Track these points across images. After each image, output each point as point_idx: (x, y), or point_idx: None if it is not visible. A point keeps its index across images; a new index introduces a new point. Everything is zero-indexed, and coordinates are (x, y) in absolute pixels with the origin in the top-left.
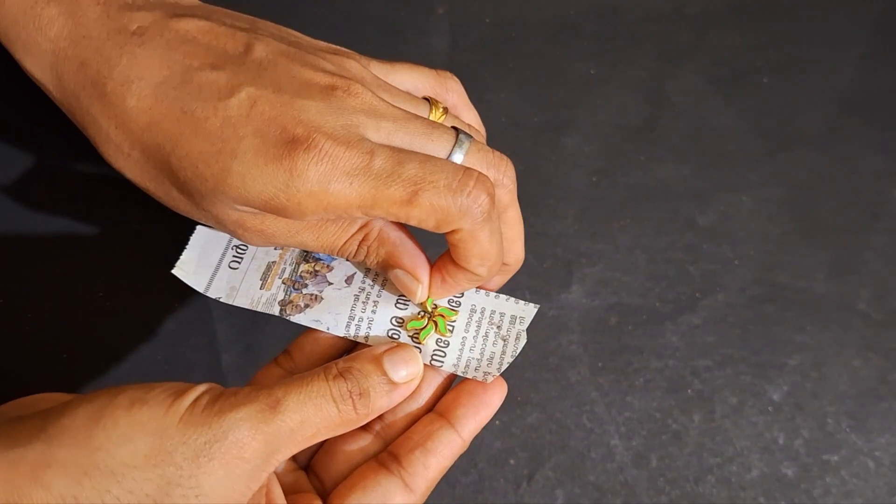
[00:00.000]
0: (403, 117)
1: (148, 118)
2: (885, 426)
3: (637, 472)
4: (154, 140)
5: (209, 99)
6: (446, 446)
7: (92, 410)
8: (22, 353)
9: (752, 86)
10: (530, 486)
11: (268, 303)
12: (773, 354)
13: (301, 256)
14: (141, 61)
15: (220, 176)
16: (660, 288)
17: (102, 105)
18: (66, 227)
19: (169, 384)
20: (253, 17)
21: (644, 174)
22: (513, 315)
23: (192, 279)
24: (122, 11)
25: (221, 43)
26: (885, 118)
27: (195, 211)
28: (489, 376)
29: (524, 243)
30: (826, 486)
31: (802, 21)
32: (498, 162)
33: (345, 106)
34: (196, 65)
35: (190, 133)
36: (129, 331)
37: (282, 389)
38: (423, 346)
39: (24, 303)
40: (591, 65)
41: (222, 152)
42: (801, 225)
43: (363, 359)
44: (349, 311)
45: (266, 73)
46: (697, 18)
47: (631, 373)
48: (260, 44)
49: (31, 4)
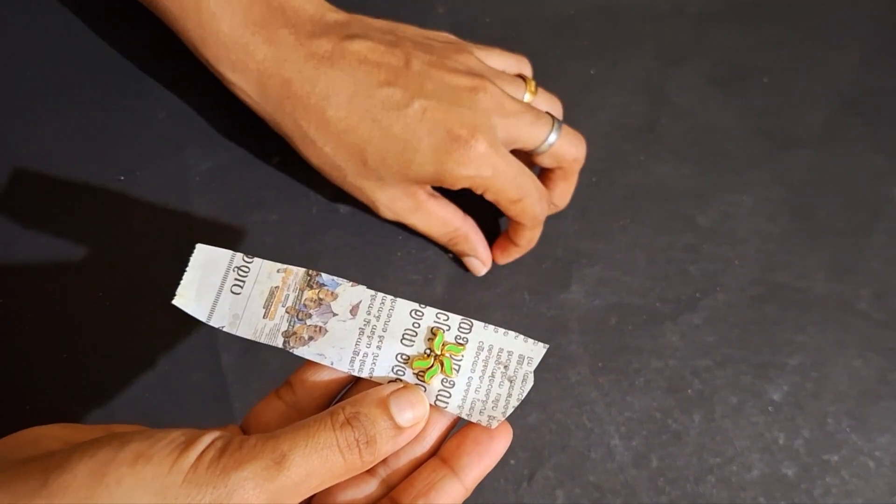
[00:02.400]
0: (519, 111)
1: (345, 125)
2: (885, 426)
3: (637, 472)
4: (349, 140)
5: (391, 110)
6: (449, 496)
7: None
8: (22, 353)
9: (752, 86)
10: (530, 487)
11: (271, 334)
12: (774, 354)
13: (304, 281)
14: (333, 80)
15: (404, 165)
16: (660, 288)
17: (306, 112)
18: (66, 227)
19: (174, 435)
20: (390, 24)
21: (644, 174)
22: (521, 354)
23: (194, 307)
24: (310, 38)
25: (386, 59)
26: (885, 118)
27: (362, 185)
28: (494, 421)
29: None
30: (826, 485)
31: (802, 21)
32: (579, 141)
33: (486, 107)
34: (374, 81)
35: (379, 137)
36: (129, 331)
37: (287, 442)
38: (429, 385)
39: (24, 303)
40: (591, 65)
41: (406, 150)
42: (801, 225)
43: (370, 403)
44: (354, 346)
45: (425, 84)
46: (697, 18)
47: (631, 373)
48: (414, 58)
49: (240, 35)
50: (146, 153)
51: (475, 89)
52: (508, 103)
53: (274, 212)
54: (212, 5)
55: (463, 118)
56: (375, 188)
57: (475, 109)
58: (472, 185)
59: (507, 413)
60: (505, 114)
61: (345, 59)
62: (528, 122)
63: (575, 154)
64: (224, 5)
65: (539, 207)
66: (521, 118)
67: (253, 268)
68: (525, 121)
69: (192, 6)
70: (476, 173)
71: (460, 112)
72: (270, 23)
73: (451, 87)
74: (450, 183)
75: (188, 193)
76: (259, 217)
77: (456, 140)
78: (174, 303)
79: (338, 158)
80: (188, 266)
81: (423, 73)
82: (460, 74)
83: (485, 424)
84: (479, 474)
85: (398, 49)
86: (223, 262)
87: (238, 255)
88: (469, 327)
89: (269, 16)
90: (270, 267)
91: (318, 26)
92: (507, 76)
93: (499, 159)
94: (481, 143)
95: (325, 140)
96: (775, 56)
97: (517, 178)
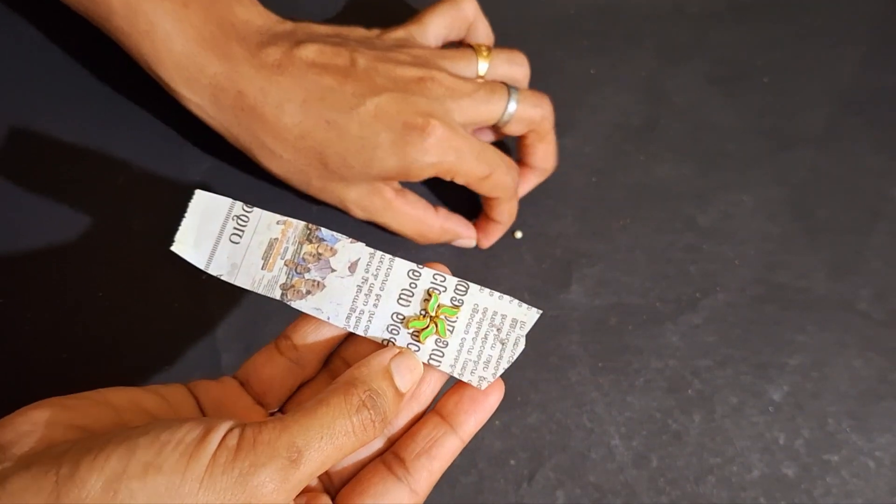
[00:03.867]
0: (471, 91)
1: (299, 131)
2: (885, 426)
3: (637, 472)
4: (306, 145)
5: (344, 110)
6: (448, 450)
7: (106, 481)
8: (22, 353)
9: (752, 85)
10: (530, 487)
11: (269, 285)
12: (774, 354)
13: (304, 235)
14: (285, 87)
15: (366, 163)
16: (660, 288)
17: (261, 123)
18: (66, 227)
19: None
20: (336, 27)
21: (644, 174)
22: (514, 318)
23: (192, 254)
24: (259, 49)
25: (333, 61)
26: (885, 118)
27: (327, 187)
28: (484, 381)
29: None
30: (826, 485)
31: (802, 21)
32: (540, 100)
33: (437, 94)
34: (324, 84)
35: (336, 138)
36: (129, 331)
37: (301, 436)
38: (423, 345)
39: (24, 303)
40: (591, 65)
41: (365, 147)
42: (801, 225)
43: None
44: (351, 303)
45: (374, 80)
46: (698, 17)
47: (631, 373)
48: (359, 56)
49: (193, 52)
50: (146, 153)
51: (423, 79)
52: (459, 85)
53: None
54: (166, 25)
55: (417, 108)
56: (341, 188)
57: (427, 97)
58: (439, 172)
59: (497, 374)
60: (457, 96)
61: (294, 66)
62: (483, 100)
63: (540, 114)
64: (176, 25)
65: (510, 177)
66: (475, 97)
67: (252, 217)
68: (479, 98)
69: (145, 26)
70: (439, 159)
71: (413, 102)
72: (222, 39)
73: (399, 80)
74: (416, 174)
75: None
76: None
77: (413, 130)
78: (172, 249)
79: (298, 164)
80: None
81: (371, 69)
82: (406, 66)
83: (475, 385)
84: (475, 428)
85: (344, 49)
86: (222, 209)
87: (238, 204)
88: (465, 289)
89: (220, 32)
90: (270, 218)
91: (266, 37)
92: (455, 54)
93: (459, 141)
94: (438, 128)
95: (283, 148)
96: (775, 56)
97: (481, 155)
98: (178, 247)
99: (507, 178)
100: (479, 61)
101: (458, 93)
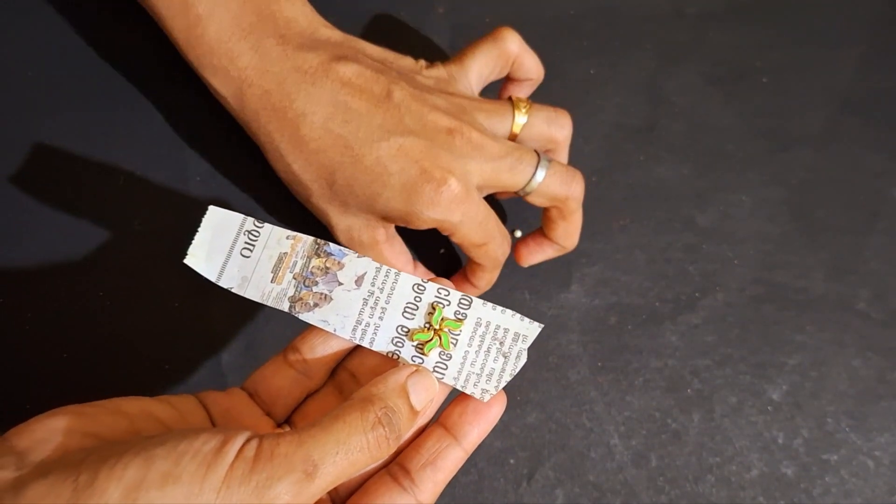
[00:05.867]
0: (498, 155)
1: (317, 145)
2: (884, 425)
3: (637, 471)
4: (319, 161)
5: (366, 140)
6: (452, 461)
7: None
8: (22, 353)
9: (752, 86)
10: (530, 486)
11: (278, 297)
12: (773, 354)
13: (312, 249)
14: (314, 98)
15: (371, 197)
16: (659, 288)
17: (281, 126)
18: (66, 227)
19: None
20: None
21: (644, 174)
22: (516, 332)
23: (204, 267)
24: (297, 51)
25: (370, 86)
26: (885, 118)
27: (324, 207)
28: (486, 394)
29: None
30: (825, 485)
31: (802, 21)
32: (570, 178)
33: (462, 151)
34: (354, 106)
35: (350, 164)
36: (129, 331)
37: (317, 450)
38: (427, 357)
39: (24, 303)
40: (591, 65)
41: (375, 182)
42: (800, 225)
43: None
44: (357, 315)
45: (404, 119)
46: (697, 18)
47: (630, 372)
48: (396, 89)
49: (226, 38)
50: (146, 153)
51: (452, 131)
52: (488, 145)
53: (274, 212)
54: (200, 8)
55: (438, 160)
56: (337, 214)
57: (452, 152)
58: (439, 228)
59: (499, 387)
60: (483, 158)
61: (328, 79)
62: (508, 167)
63: (566, 192)
64: (213, 9)
65: (501, 251)
66: (501, 163)
67: (263, 233)
68: (504, 166)
69: (180, 7)
70: (443, 217)
71: (436, 153)
72: (258, 31)
73: (429, 125)
74: (415, 223)
75: (188, 193)
76: (259, 217)
77: (428, 181)
78: (186, 262)
79: (305, 177)
80: (200, 226)
81: (404, 107)
82: (440, 112)
83: (478, 397)
84: (478, 439)
85: (384, 77)
86: (234, 224)
87: (249, 220)
88: (469, 304)
89: (259, 24)
90: (280, 233)
91: (308, 40)
92: (492, 107)
93: (469, 205)
94: (453, 187)
95: (296, 157)
96: (775, 56)
97: (483, 224)
98: (191, 260)
99: (498, 251)
100: (517, 116)
101: (484, 154)
